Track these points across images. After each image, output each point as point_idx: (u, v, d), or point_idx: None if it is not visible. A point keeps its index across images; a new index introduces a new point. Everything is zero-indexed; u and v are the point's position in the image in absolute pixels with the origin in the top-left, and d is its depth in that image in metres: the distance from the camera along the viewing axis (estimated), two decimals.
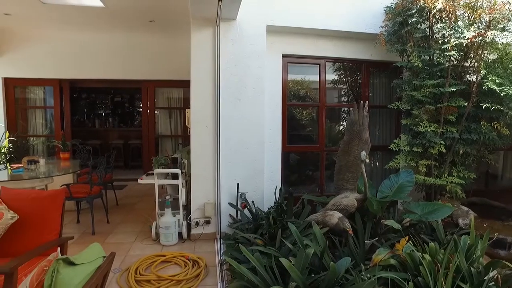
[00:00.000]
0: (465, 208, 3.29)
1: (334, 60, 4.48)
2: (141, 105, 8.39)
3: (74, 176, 5.01)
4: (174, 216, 3.78)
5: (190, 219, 3.91)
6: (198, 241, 3.84)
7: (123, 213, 4.96)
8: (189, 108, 3.94)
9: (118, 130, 9.04)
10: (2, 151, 5.52)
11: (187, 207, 4.05)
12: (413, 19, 3.50)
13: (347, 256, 2.46)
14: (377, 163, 4.98)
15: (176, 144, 7.12)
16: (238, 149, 3.89)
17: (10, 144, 5.83)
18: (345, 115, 5.09)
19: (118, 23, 5.40)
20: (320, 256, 2.43)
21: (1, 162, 4.96)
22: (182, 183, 3.88)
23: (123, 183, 6.74)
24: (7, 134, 5.93)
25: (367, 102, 3.22)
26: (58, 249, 2.02)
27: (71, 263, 1.35)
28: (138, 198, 5.84)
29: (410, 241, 2.51)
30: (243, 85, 3.84)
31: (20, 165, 4.40)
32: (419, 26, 3.64)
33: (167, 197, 3.82)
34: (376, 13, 4.10)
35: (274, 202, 3.77)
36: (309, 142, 4.81)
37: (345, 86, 5.02)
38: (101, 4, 4.49)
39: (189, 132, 3.95)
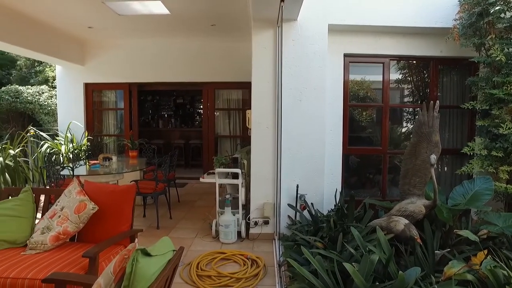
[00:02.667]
0: None
1: (399, 58, 4.26)
2: (202, 107, 8.75)
3: (141, 173, 5.38)
4: (234, 215, 3.88)
5: (249, 219, 3.98)
6: (256, 240, 3.89)
7: (184, 210, 5.21)
8: (249, 109, 4.01)
9: (180, 130, 9.51)
10: (82, 148, 6.15)
11: (246, 207, 4.12)
12: (496, 8, 3.17)
13: (413, 265, 2.30)
14: (446, 168, 4.61)
15: (234, 144, 7.30)
16: (298, 150, 3.87)
17: (88, 143, 6.48)
18: (409, 116, 4.81)
19: (181, 28, 5.71)
20: (385, 263, 2.31)
21: (82, 158, 5.52)
22: (242, 183, 3.96)
23: (184, 181, 7.07)
24: (86, 134, 6.60)
25: (437, 102, 3.00)
26: (136, 240, 2.19)
27: (148, 254, 1.44)
28: (198, 196, 6.10)
29: (490, 256, 2.27)
30: (304, 85, 3.81)
31: (96, 161, 4.85)
32: (502, 15, 3.28)
33: (227, 196, 3.93)
34: (447, 5, 3.80)
35: (334, 205, 3.69)
36: (369, 144, 4.62)
37: (409, 86, 4.74)
38: (167, 12, 4.78)
39: (249, 133, 4.02)
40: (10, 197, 2.71)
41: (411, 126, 4.71)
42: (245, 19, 4.95)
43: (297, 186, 3.82)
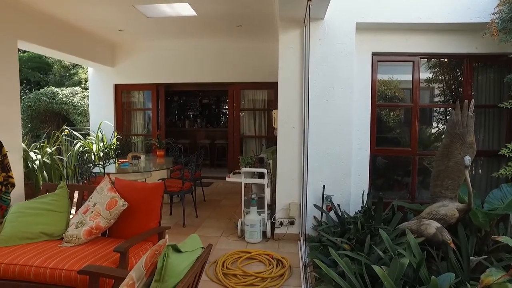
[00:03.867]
0: None
1: (430, 56, 4.12)
2: (227, 107, 8.82)
3: (168, 172, 5.49)
4: (259, 214, 3.88)
5: (274, 219, 3.98)
6: (281, 241, 3.88)
7: (210, 209, 5.27)
8: (274, 109, 4.00)
9: (205, 130, 9.64)
10: (112, 147, 6.37)
11: (272, 207, 4.12)
12: None
13: (446, 271, 2.21)
14: (480, 170, 4.40)
15: (259, 145, 7.31)
16: (325, 150, 3.83)
17: (118, 142, 6.70)
18: (440, 117, 4.64)
19: (208, 29, 5.79)
20: (416, 268, 2.24)
21: (111, 157, 5.71)
22: (268, 183, 3.96)
23: (209, 181, 7.15)
24: (116, 133, 6.83)
25: (472, 101, 2.87)
26: (167, 236, 2.24)
27: (178, 250, 1.46)
28: (223, 195, 6.16)
29: None
30: (331, 85, 3.77)
31: (125, 160, 5.00)
32: None
33: (253, 195, 3.94)
34: None
35: (362, 206, 3.61)
36: (397, 145, 4.49)
37: (440, 85, 4.56)
38: (194, 13, 4.86)
39: (275, 133, 4.02)
40: (47, 192, 2.85)
41: (442, 127, 4.54)
42: (271, 19, 4.95)
43: (323, 187, 3.78)
